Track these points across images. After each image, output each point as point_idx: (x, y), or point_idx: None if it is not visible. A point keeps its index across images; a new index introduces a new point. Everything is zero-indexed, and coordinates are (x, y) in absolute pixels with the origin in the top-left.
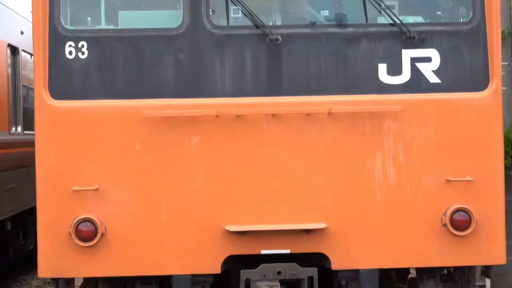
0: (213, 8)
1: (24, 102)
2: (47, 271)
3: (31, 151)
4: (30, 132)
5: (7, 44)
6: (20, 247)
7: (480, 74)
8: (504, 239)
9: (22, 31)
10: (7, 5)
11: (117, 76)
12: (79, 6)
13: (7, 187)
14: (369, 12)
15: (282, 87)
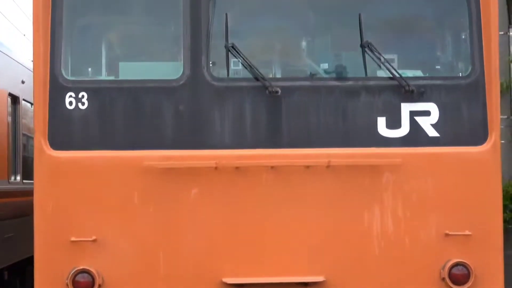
0: (213, 60)
1: (24, 151)
2: None
3: (30, 200)
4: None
5: (8, 93)
6: None
7: (479, 128)
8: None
9: (23, 80)
10: (8, 54)
11: (117, 127)
12: (80, 57)
13: (5, 236)
14: (369, 66)
15: (281, 139)
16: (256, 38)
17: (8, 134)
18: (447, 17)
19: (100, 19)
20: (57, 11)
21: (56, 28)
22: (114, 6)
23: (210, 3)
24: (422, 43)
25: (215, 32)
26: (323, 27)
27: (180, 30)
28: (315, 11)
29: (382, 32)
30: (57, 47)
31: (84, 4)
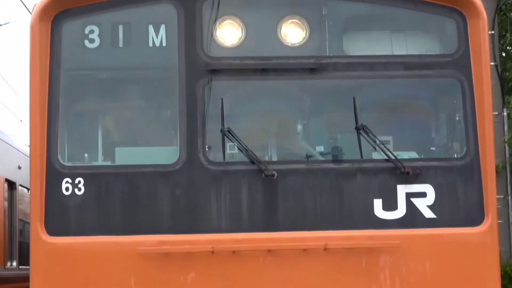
0: (209, 144)
1: (20, 236)
2: None
3: (26, 286)
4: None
5: (5, 179)
6: None
7: (475, 209)
8: None
9: (19, 166)
10: (5, 140)
11: (113, 213)
12: (76, 142)
13: None
14: (364, 148)
15: (277, 223)
16: (252, 121)
17: (5, 219)
18: (441, 99)
19: (96, 105)
20: (54, 97)
21: (53, 114)
22: (110, 92)
23: (206, 88)
24: (417, 125)
25: (210, 116)
26: (318, 110)
27: (176, 115)
28: (309, 95)
29: (377, 115)
30: (54, 132)
31: (81, 90)
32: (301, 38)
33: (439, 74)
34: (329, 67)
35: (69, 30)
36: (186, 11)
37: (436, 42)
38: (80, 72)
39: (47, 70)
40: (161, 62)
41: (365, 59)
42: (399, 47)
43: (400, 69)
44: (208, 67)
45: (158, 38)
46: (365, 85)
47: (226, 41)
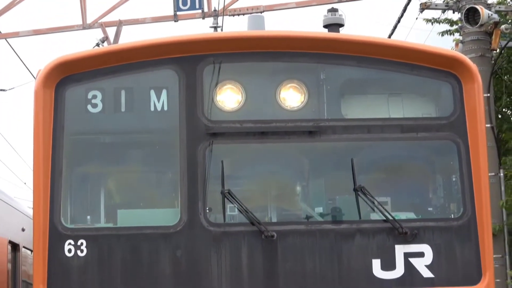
0: (210, 206)
1: None
2: None
3: None
4: None
5: (8, 241)
6: None
7: (473, 269)
8: None
9: (23, 228)
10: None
11: (116, 274)
12: (79, 205)
13: None
14: (362, 209)
15: (277, 283)
16: (252, 183)
17: (8, 280)
18: (438, 160)
19: (98, 168)
20: (57, 160)
21: (56, 177)
22: (112, 155)
23: (207, 151)
24: (414, 186)
25: (211, 178)
26: (317, 172)
27: (177, 177)
28: (308, 157)
29: (374, 176)
30: (57, 195)
31: (83, 154)
32: (300, 102)
33: (436, 136)
34: (327, 130)
35: (72, 95)
36: (187, 76)
37: (432, 105)
38: (83, 136)
39: (51, 134)
40: (163, 126)
41: (362, 122)
42: (396, 110)
43: (397, 132)
44: (209, 130)
45: (160, 103)
46: (363, 147)
47: (227, 105)
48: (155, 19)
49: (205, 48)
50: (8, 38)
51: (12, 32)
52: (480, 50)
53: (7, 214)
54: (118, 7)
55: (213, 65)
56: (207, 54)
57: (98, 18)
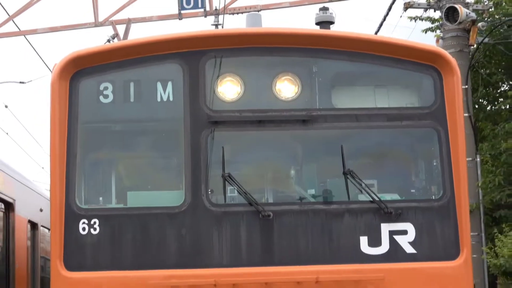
0: (211, 188)
1: (42, 272)
2: None
3: None
4: None
5: (28, 220)
6: None
7: (452, 245)
8: None
9: (41, 209)
10: (28, 186)
11: (125, 250)
12: (92, 187)
13: None
14: (351, 191)
15: (273, 258)
16: (250, 167)
17: (28, 256)
18: (420, 146)
19: (110, 153)
20: (71, 146)
21: (71, 162)
22: (122, 142)
23: (208, 138)
24: (398, 170)
25: (212, 163)
26: (309, 157)
27: (182, 162)
28: (301, 144)
29: (362, 161)
30: (72, 178)
31: (96, 140)
32: (294, 93)
33: (418, 124)
34: (319, 119)
35: (85, 87)
36: (190, 69)
37: (415, 95)
38: (95, 124)
39: (66, 122)
40: (168, 115)
41: (351, 111)
42: (381, 100)
43: (383, 120)
44: (211, 119)
45: (166, 94)
46: (351, 134)
47: (227, 96)
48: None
49: (207, 44)
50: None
51: (30, 29)
52: (459, 45)
53: (27, 196)
54: (127, 6)
55: (214, 59)
56: (209, 49)
57: (109, 16)
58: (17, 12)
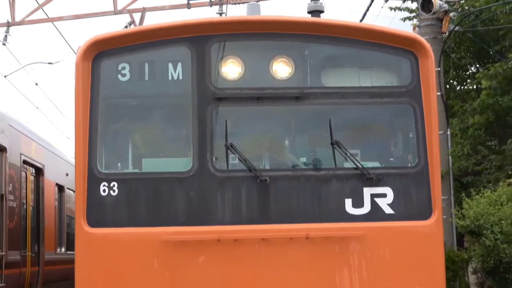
0: (216, 156)
1: (67, 228)
2: None
3: (72, 267)
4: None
5: (55, 183)
6: None
7: (425, 207)
8: None
9: (67, 173)
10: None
11: (140, 209)
12: (111, 154)
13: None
14: (338, 159)
15: (269, 217)
16: (249, 138)
17: (55, 215)
18: (398, 120)
19: (127, 125)
20: (93, 119)
21: (93, 132)
22: (138, 115)
23: (213, 112)
24: (379, 141)
25: (217, 134)
26: (301, 129)
27: (190, 133)
28: (294, 117)
29: (347, 133)
30: (93, 147)
31: (115, 113)
32: (288, 73)
33: (397, 101)
34: (310, 96)
35: (105, 67)
36: (197, 52)
37: (394, 76)
38: (114, 99)
39: (88, 98)
40: (178, 91)
41: (338, 89)
42: (365, 80)
43: (366, 97)
44: (215, 95)
45: (176, 73)
46: (338, 110)
47: (229, 76)
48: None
49: (212, 29)
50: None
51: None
52: (433, 33)
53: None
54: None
55: (219, 43)
56: (213, 35)
57: (126, 5)
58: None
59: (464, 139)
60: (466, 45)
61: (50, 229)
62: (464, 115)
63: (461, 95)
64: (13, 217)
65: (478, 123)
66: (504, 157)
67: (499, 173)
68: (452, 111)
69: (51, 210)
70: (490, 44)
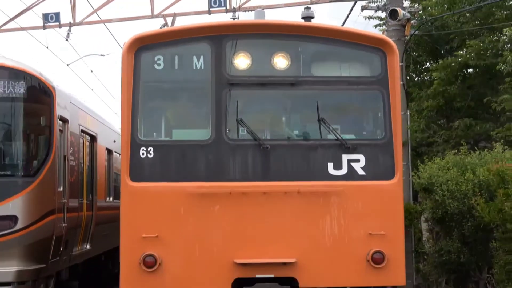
0: (229, 128)
1: (114, 183)
2: (125, 286)
3: (118, 212)
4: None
5: (105, 148)
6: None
7: (389, 170)
8: (404, 270)
9: (114, 140)
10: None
11: (170, 168)
12: (148, 126)
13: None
14: (323, 132)
15: (270, 176)
16: (255, 115)
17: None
18: (370, 103)
19: (161, 103)
20: (135, 98)
21: (135, 108)
22: (169, 96)
23: (227, 94)
24: (355, 119)
25: (230, 111)
26: (295, 108)
27: (209, 110)
28: (290, 99)
29: (330, 112)
30: (135, 120)
31: (152, 94)
32: (285, 65)
33: (369, 88)
34: (302, 83)
35: (145, 58)
36: (216, 47)
37: (368, 68)
38: (151, 83)
39: (131, 82)
40: (201, 78)
41: (324, 78)
42: (345, 71)
43: (345, 85)
44: (229, 81)
45: (199, 64)
46: (323, 94)
47: (240, 66)
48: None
49: (227, 30)
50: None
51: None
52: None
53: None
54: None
55: (232, 41)
56: (228, 34)
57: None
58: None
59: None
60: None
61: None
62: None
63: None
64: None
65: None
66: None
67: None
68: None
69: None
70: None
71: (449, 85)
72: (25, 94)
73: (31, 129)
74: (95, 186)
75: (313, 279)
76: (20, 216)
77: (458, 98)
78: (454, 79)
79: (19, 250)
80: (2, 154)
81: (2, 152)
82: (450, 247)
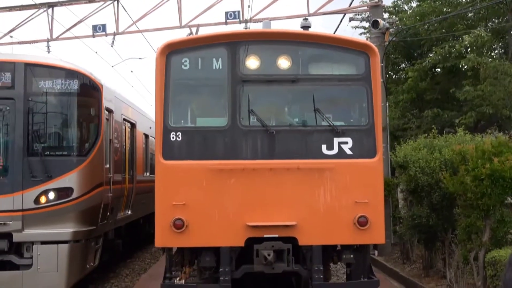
0: (242, 116)
1: (150, 161)
2: (159, 243)
3: (153, 184)
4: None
5: (143, 133)
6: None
7: (372, 150)
8: (384, 231)
9: (150, 127)
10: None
11: (195, 149)
12: (177, 115)
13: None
14: (318, 120)
15: (275, 155)
16: (263, 106)
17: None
18: (356, 97)
19: (187, 96)
20: (167, 93)
21: (166, 101)
22: (194, 90)
23: (241, 89)
24: (344, 109)
25: (243, 103)
26: (296, 101)
27: (226, 102)
28: (291, 94)
29: (324, 104)
30: (167, 110)
31: (180, 89)
32: (288, 66)
33: (356, 84)
34: (301, 80)
35: (174, 60)
36: (231, 51)
37: (354, 68)
38: (180, 81)
39: (163, 80)
40: (219, 76)
41: (319, 76)
42: (336, 70)
43: (336, 81)
44: (242, 79)
45: (218, 64)
46: (319, 89)
47: (251, 67)
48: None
49: (240, 37)
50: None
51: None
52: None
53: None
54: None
55: (244, 46)
56: (241, 41)
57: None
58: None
59: (396, 108)
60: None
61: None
62: (397, 94)
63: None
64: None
65: (405, 99)
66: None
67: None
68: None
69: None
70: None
71: (420, 82)
72: (78, 90)
73: (83, 118)
74: (135, 164)
75: (310, 238)
76: (75, 187)
77: (428, 92)
78: (425, 76)
79: (74, 215)
80: (60, 138)
81: (60, 136)
82: (421, 213)
